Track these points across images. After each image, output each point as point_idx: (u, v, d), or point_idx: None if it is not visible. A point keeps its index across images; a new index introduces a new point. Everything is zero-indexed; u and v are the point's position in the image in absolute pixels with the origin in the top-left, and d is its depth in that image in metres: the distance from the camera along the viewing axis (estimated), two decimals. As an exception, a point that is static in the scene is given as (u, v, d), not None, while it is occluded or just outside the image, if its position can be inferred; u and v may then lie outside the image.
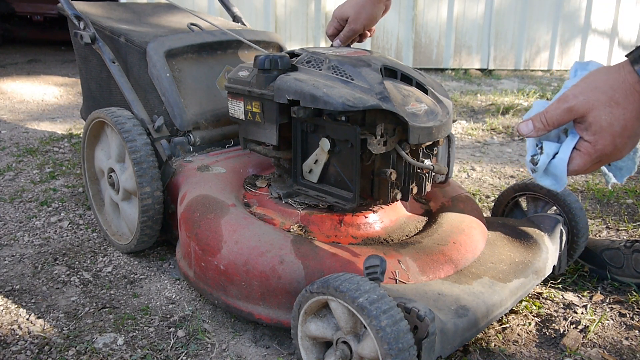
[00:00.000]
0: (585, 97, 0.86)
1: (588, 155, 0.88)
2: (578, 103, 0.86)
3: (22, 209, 1.93)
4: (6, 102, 3.44)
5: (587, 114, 0.86)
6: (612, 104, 0.84)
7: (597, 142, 0.86)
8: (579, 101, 0.86)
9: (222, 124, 1.67)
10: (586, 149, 0.88)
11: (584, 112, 0.86)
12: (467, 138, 3.01)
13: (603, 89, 0.85)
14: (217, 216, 1.27)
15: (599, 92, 0.85)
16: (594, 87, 0.86)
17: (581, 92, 0.87)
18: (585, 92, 0.86)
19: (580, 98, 0.86)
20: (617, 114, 0.84)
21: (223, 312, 1.34)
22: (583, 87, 0.87)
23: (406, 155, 1.20)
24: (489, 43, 4.96)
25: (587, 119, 0.86)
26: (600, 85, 0.86)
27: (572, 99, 0.87)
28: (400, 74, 1.24)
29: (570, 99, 0.87)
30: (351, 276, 0.97)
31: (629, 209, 2.03)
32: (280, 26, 4.56)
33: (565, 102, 0.88)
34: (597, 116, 0.85)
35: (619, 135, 0.85)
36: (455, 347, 1.04)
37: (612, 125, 0.85)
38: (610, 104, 0.84)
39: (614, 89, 0.84)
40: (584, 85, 0.87)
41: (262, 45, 1.82)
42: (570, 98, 0.87)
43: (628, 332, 1.30)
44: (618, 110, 0.84)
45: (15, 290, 1.43)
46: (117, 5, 2.09)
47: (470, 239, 1.30)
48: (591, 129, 0.86)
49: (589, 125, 0.86)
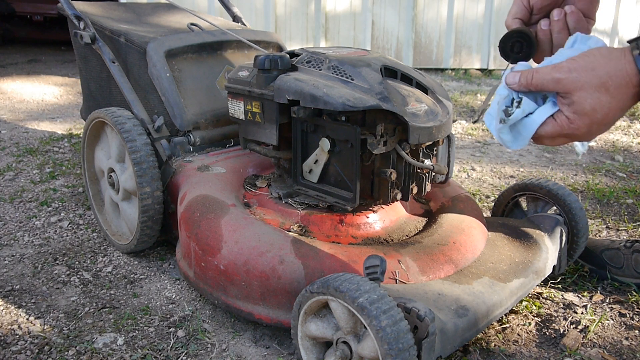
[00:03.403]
0: (578, 75, 0.84)
1: (560, 128, 0.87)
2: (569, 78, 0.84)
3: (22, 209, 1.93)
4: (6, 102, 3.44)
5: (573, 92, 0.84)
6: (601, 90, 0.82)
7: (574, 121, 0.85)
8: (570, 77, 0.84)
9: (222, 124, 1.67)
10: (561, 122, 0.87)
11: (571, 89, 0.84)
12: (467, 138, 3.01)
13: (599, 73, 0.83)
14: (217, 216, 1.27)
15: (593, 74, 0.83)
16: (591, 68, 0.83)
17: (576, 69, 0.84)
18: (580, 69, 0.84)
19: (573, 75, 0.84)
20: (603, 101, 0.83)
21: (223, 312, 1.34)
22: (580, 64, 0.85)
23: (406, 155, 1.20)
24: (489, 43, 4.96)
25: (572, 97, 0.84)
26: (597, 67, 0.83)
27: (566, 72, 0.85)
28: (400, 74, 1.24)
29: (564, 71, 0.85)
30: (351, 276, 0.97)
31: (629, 209, 2.03)
32: (280, 26, 4.56)
33: (558, 72, 0.86)
34: (582, 97, 0.83)
35: (597, 122, 0.84)
36: (455, 347, 1.04)
37: (595, 112, 0.83)
38: (599, 90, 0.82)
39: (609, 75, 0.82)
40: (582, 62, 0.85)
41: (262, 45, 1.82)
42: (564, 70, 0.85)
43: (628, 332, 1.30)
44: (605, 98, 0.82)
45: (15, 290, 1.43)
46: (117, 5, 2.09)
47: (470, 239, 1.30)
48: (573, 107, 0.85)
49: (571, 103, 0.85)
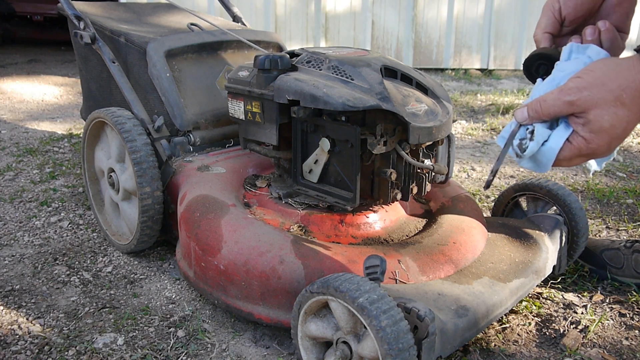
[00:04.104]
0: (590, 94, 0.79)
1: (578, 150, 0.82)
2: (582, 98, 0.79)
3: (22, 209, 1.93)
4: (6, 102, 3.44)
5: (588, 111, 0.79)
6: (617, 105, 0.78)
7: (592, 141, 0.81)
8: (582, 96, 0.79)
9: (222, 124, 1.67)
10: (578, 144, 0.82)
11: (586, 108, 0.79)
12: (467, 138, 3.01)
13: (611, 87, 0.78)
14: (217, 216, 1.27)
15: (605, 90, 0.78)
16: (601, 84, 0.79)
17: (586, 87, 0.79)
18: (591, 87, 0.79)
19: (584, 93, 0.79)
20: (621, 115, 0.78)
21: (223, 312, 1.34)
22: (589, 80, 0.80)
23: (406, 155, 1.20)
24: (489, 43, 4.96)
25: (588, 116, 0.80)
26: (607, 82, 0.79)
27: (576, 92, 0.80)
28: (400, 74, 1.24)
29: (573, 93, 0.80)
30: (351, 276, 0.97)
31: (629, 209, 2.03)
32: (280, 26, 4.56)
33: (567, 94, 0.81)
34: (599, 115, 0.79)
35: (617, 138, 0.80)
36: (455, 347, 1.04)
37: (614, 127, 0.79)
38: (615, 105, 0.78)
39: (622, 89, 0.78)
40: (589, 78, 0.80)
41: (262, 45, 1.82)
42: (574, 91, 0.80)
43: (628, 332, 1.30)
44: (622, 112, 0.78)
45: (15, 290, 1.43)
46: (117, 5, 2.09)
47: (470, 238, 1.30)
48: (589, 126, 0.80)
49: (587, 122, 0.80)
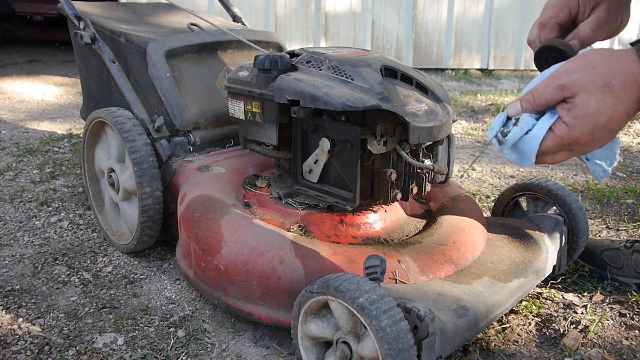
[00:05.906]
0: (580, 77, 0.77)
1: (560, 139, 0.80)
2: (570, 81, 0.78)
3: (22, 209, 1.93)
4: (6, 102, 3.44)
5: (576, 95, 0.78)
6: (605, 91, 0.76)
7: (574, 127, 0.78)
8: (571, 79, 0.78)
9: (222, 124, 1.67)
10: (560, 132, 0.80)
11: (575, 92, 0.78)
12: (467, 138, 3.01)
13: (601, 72, 0.77)
14: (217, 216, 1.27)
15: (595, 74, 0.77)
16: (592, 68, 0.77)
17: (576, 70, 0.78)
18: (581, 70, 0.78)
19: (574, 76, 0.78)
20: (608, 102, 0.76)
21: (223, 312, 1.34)
22: (579, 64, 0.79)
23: (406, 155, 1.20)
24: (489, 43, 4.96)
25: (575, 100, 0.78)
26: (598, 67, 0.77)
27: (565, 76, 0.79)
28: (400, 74, 1.24)
29: (563, 76, 0.79)
30: (351, 276, 0.97)
31: (629, 209, 2.03)
32: (280, 26, 4.56)
33: (557, 79, 0.79)
34: (585, 99, 0.77)
35: (600, 127, 0.78)
36: (455, 347, 1.04)
37: (599, 114, 0.77)
38: (604, 90, 0.76)
39: (612, 75, 0.76)
40: (580, 63, 0.79)
41: (262, 45, 1.82)
42: (563, 75, 0.79)
43: (628, 332, 1.30)
44: (610, 99, 0.76)
45: (15, 290, 1.43)
46: (117, 5, 2.09)
47: (470, 238, 1.30)
48: (574, 111, 0.78)
49: (573, 107, 0.78)
